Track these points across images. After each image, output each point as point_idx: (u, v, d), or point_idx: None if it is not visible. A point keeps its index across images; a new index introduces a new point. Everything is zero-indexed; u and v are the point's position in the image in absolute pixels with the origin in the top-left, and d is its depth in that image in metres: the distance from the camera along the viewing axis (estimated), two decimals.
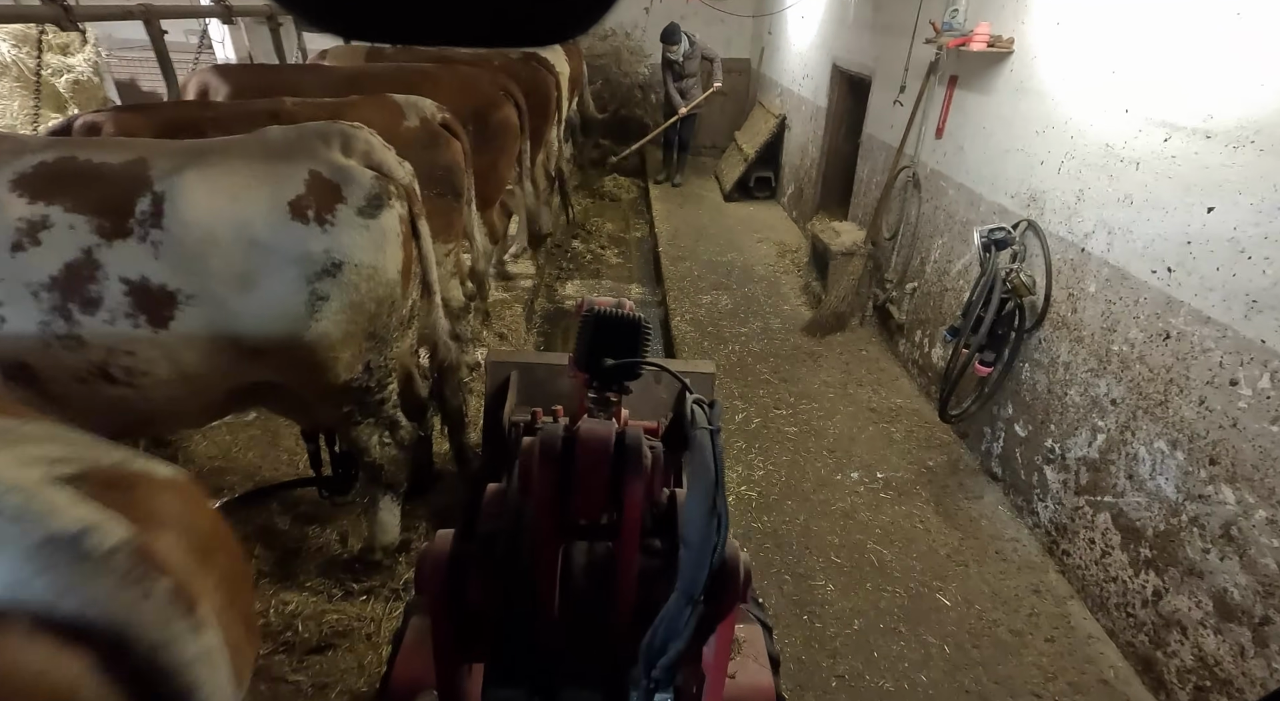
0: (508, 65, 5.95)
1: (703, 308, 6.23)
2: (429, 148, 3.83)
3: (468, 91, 4.65)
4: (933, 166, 4.75)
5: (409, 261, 2.57)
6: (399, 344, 2.68)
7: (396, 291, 2.49)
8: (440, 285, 4.26)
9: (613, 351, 1.46)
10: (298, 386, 2.52)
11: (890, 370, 5.20)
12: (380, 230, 2.35)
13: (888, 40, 5.55)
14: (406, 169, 2.62)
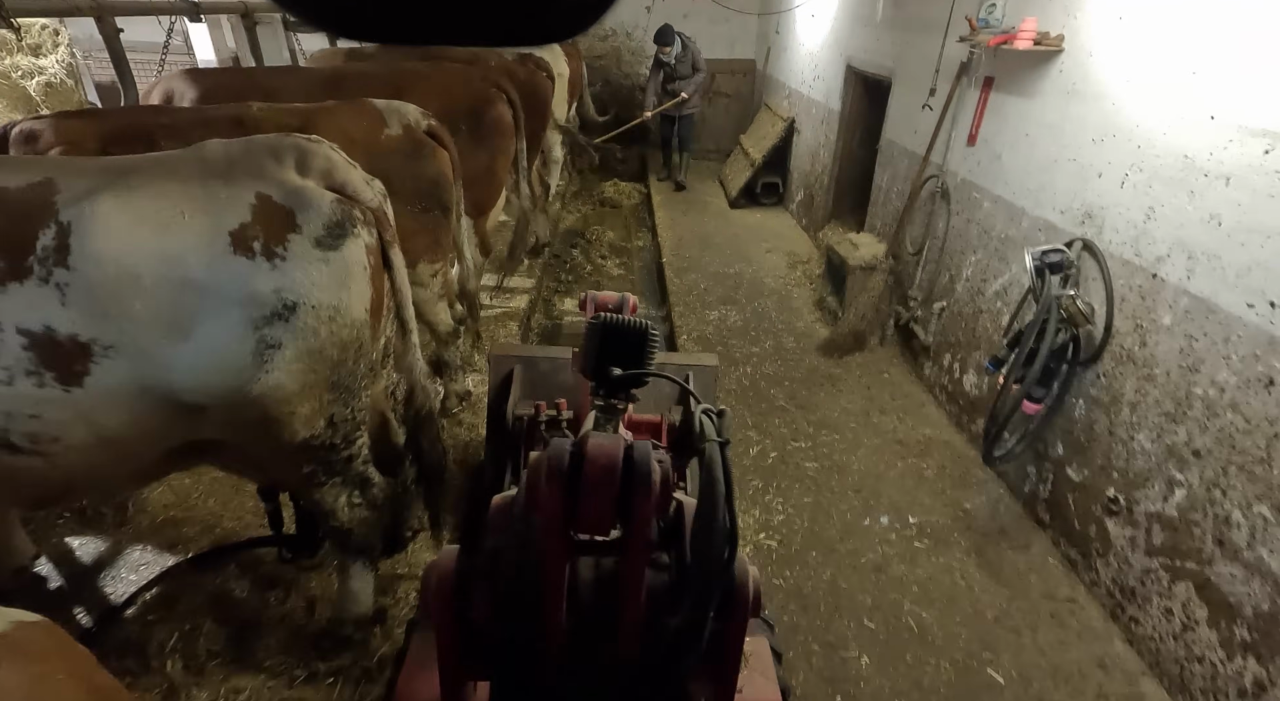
0: (504, 66, 5.57)
1: (710, 324, 5.84)
2: (413, 158, 3.45)
3: (459, 90, 4.26)
4: (964, 176, 4.36)
5: (380, 297, 2.18)
6: (369, 391, 2.29)
7: (365, 334, 2.10)
8: (427, 308, 3.90)
9: (619, 359, 1.44)
10: (248, 446, 2.13)
11: (915, 396, 4.81)
12: (343, 263, 1.96)
13: (911, 38, 5.16)
14: (376, 188, 2.23)
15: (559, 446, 1.17)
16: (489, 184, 4.36)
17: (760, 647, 1.75)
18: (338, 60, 5.63)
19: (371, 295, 2.09)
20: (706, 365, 2.60)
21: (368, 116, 3.43)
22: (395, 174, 3.39)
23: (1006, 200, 3.87)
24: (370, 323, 2.13)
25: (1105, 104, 3.09)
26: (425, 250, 3.60)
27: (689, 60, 9.17)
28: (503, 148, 4.33)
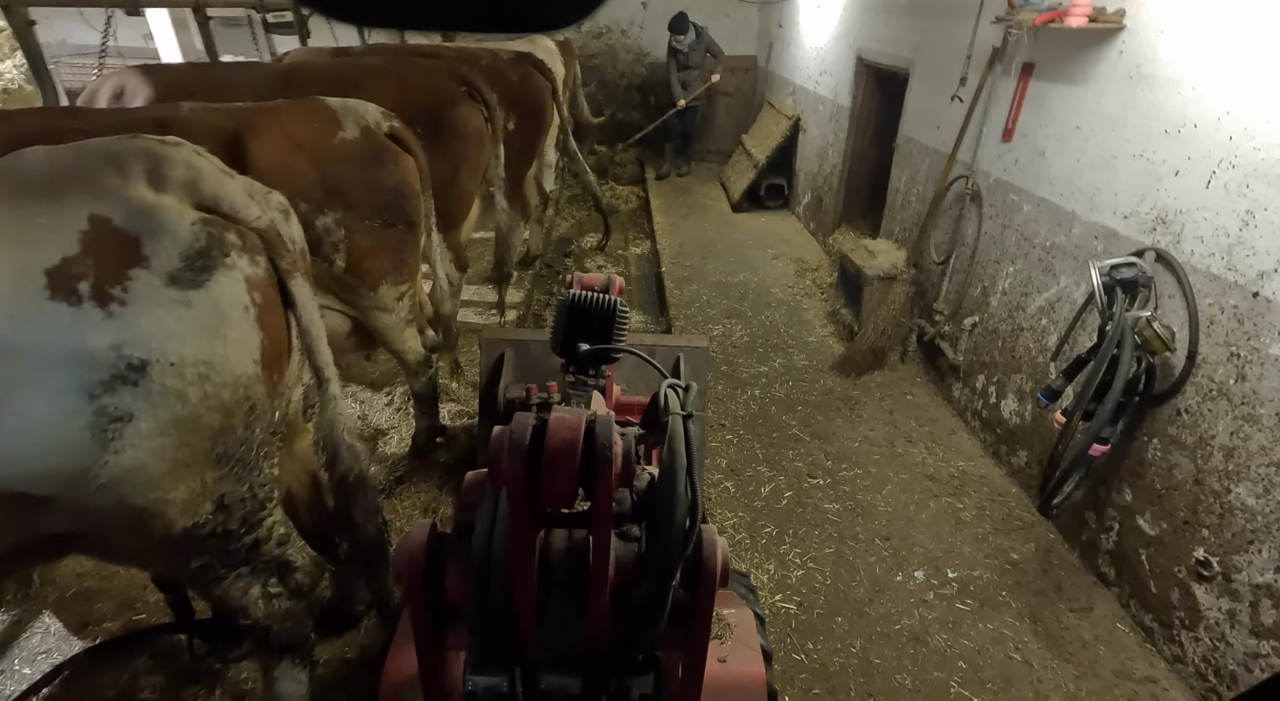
0: (496, 66, 5.09)
1: (714, 340, 5.34)
2: (372, 165, 2.97)
3: (416, 87, 3.78)
4: (998, 176, 3.86)
5: (277, 342, 1.69)
6: (275, 459, 1.80)
7: (257, 390, 1.61)
8: (393, 335, 3.40)
9: (588, 336, 1.46)
10: (115, 540, 1.64)
11: (944, 420, 4.30)
12: (211, 304, 1.47)
13: (933, 25, 4.66)
14: (272, 202, 1.74)
15: (521, 420, 1.16)
16: (454, 194, 3.87)
17: (744, 617, 1.73)
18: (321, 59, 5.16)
19: (262, 341, 1.61)
20: (697, 346, 2.63)
21: (319, 117, 2.95)
22: (351, 183, 2.92)
23: (1052, 203, 3.37)
24: (264, 376, 1.64)
25: (1182, 89, 2.59)
26: (389, 270, 3.12)
27: (702, 48, 9.05)
28: (467, 155, 3.84)
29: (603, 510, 1.16)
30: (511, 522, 1.17)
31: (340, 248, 2.91)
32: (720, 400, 4.51)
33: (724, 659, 1.58)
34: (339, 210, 2.87)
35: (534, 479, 1.13)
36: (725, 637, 1.65)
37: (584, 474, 1.14)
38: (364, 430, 3.94)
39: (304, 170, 2.79)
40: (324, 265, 2.91)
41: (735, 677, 1.57)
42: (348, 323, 3.27)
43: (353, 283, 3.02)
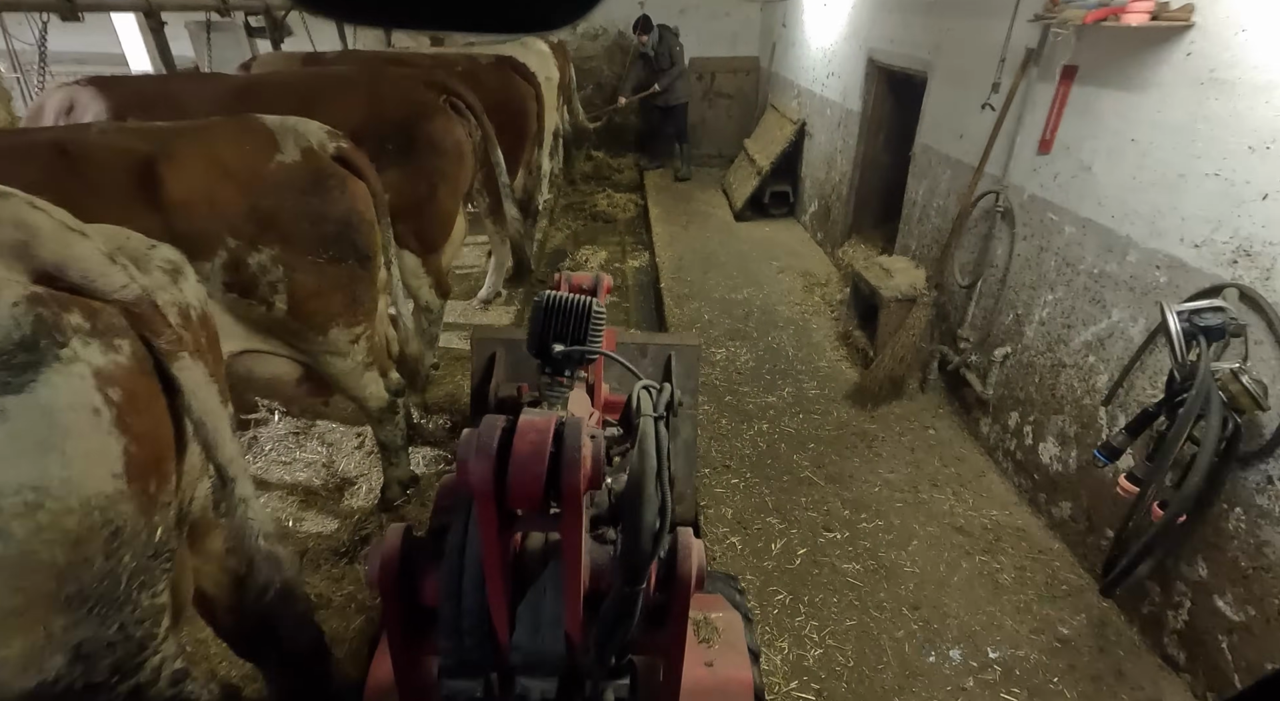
0: (474, 71, 4.70)
1: (717, 366, 4.94)
2: (314, 193, 2.59)
3: (389, 98, 3.39)
4: (1033, 192, 3.46)
5: (156, 443, 1.30)
6: (158, 587, 1.41)
7: (123, 509, 1.23)
8: (350, 382, 3.01)
9: (563, 337, 1.45)
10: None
11: (972, 460, 3.90)
12: (39, 412, 1.09)
13: (956, 23, 4.26)
14: (155, 261, 1.37)
15: (490, 422, 1.16)
16: (432, 215, 3.48)
17: (732, 620, 1.72)
18: (292, 66, 4.77)
19: (127, 448, 1.22)
20: (688, 345, 2.61)
21: (253, 138, 2.57)
22: (290, 214, 2.53)
23: (1101, 225, 2.97)
24: (134, 490, 1.24)
25: (1272, 99, 2.19)
26: (339, 311, 2.73)
27: (666, 51, 8.94)
28: (446, 170, 3.44)
29: (571, 513, 1.15)
30: (481, 525, 1.16)
31: (280, 288, 2.52)
32: (725, 437, 4.12)
33: (711, 662, 1.56)
34: (276, 246, 2.48)
35: (502, 481, 1.11)
36: (713, 641, 1.63)
37: (552, 476, 1.13)
38: (329, 480, 3.55)
39: (232, 201, 2.40)
40: (261, 308, 2.53)
41: (722, 681, 1.55)
42: (296, 369, 2.89)
43: (297, 326, 2.63)
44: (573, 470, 1.12)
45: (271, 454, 3.71)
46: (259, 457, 3.68)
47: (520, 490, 1.11)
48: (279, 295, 2.56)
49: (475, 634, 1.23)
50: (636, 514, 1.15)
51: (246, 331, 2.64)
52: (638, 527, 1.14)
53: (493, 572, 1.19)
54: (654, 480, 1.16)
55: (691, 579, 1.24)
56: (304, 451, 3.74)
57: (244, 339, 2.65)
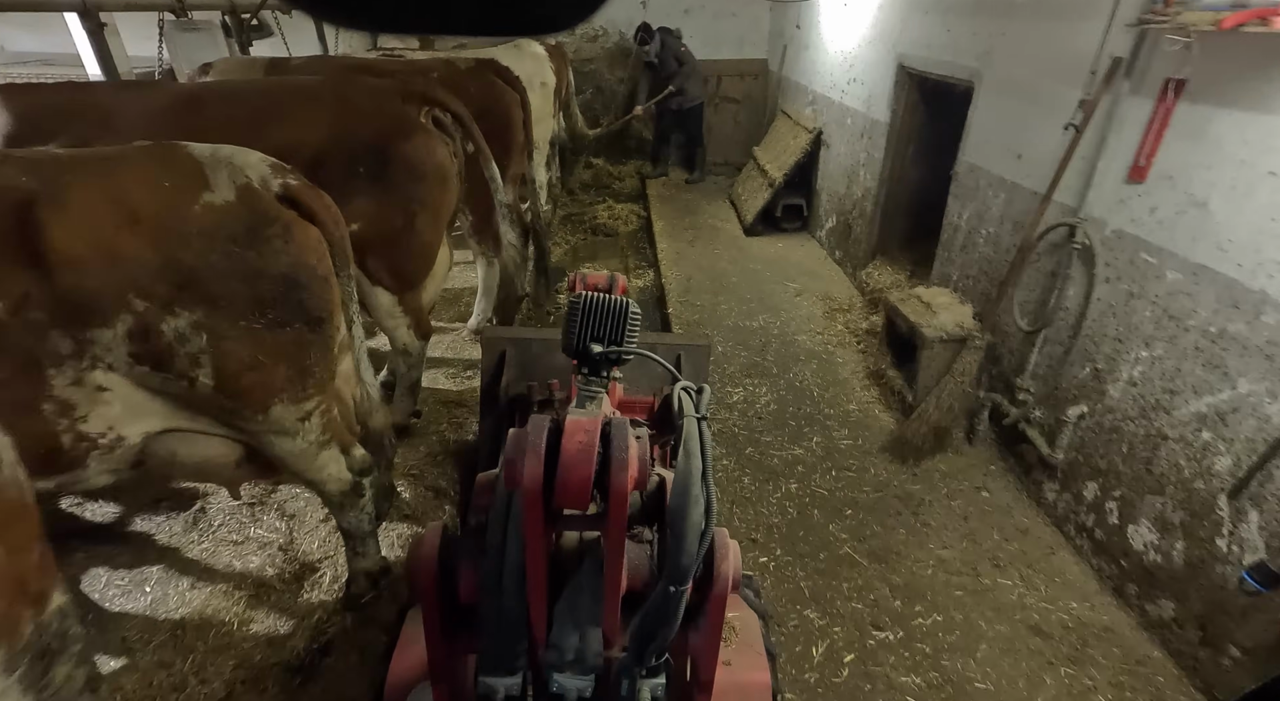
0: (452, 77, 4.14)
1: (735, 409, 4.41)
2: (250, 243, 2.05)
3: (360, 112, 2.84)
4: (1121, 228, 2.93)
5: None
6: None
7: None
8: (304, 463, 2.44)
9: (601, 338, 1.45)
10: None
11: (1037, 533, 3.37)
12: None
13: (1014, 27, 3.73)
14: None
15: (538, 422, 1.17)
16: (410, 248, 2.93)
17: (749, 620, 1.72)
18: (254, 71, 4.22)
19: None
20: (699, 344, 2.60)
21: (173, 172, 2.03)
22: (219, 269, 1.98)
23: (1222, 274, 2.44)
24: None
25: None
26: (282, 385, 2.18)
27: (669, 57, 8.57)
28: (426, 197, 2.90)
29: (617, 513, 1.16)
30: (526, 525, 1.15)
31: (203, 361, 1.98)
32: (749, 501, 3.58)
33: (729, 661, 1.55)
34: (198, 309, 1.95)
35: (549, 481, 1.12)
36: (730, 640, 1.63)
37: (599, 476, 1.14)
38: (286, 566, 2.99)
39: (139, 256, 1.86)
40: (181, 384, 1.99)
41: (740, 681, 1.54)
42: (235, 449, 2.34)
43: (230, 405, 2.09)
44: (620, 470, 1.13)
45: (220, 531, 3.16)
46: (204, 537, 3.12)
47: (568, 490, 1.12)
48: (202, 369, 2.02)
49: (513, 631, 1.24)
50: (683, 514, 1.15)
51: (167, 408, 2.10)
52: (684, 528, 1.14)
53: (535, 571, 1.20)
54: (700, 480, 1.17)
55: (729, 579, 1.25)
56: (259, 526, 3.19)
57: (164, 417, 2.12)
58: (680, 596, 1.16)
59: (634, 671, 1.23)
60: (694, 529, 1.14)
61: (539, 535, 1.16)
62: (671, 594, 1.15)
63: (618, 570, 1.21)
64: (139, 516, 3.23)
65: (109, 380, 1.95)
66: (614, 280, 2.16)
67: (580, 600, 1.26)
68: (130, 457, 2.12)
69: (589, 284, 2.19)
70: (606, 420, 1.20)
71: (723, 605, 1.27)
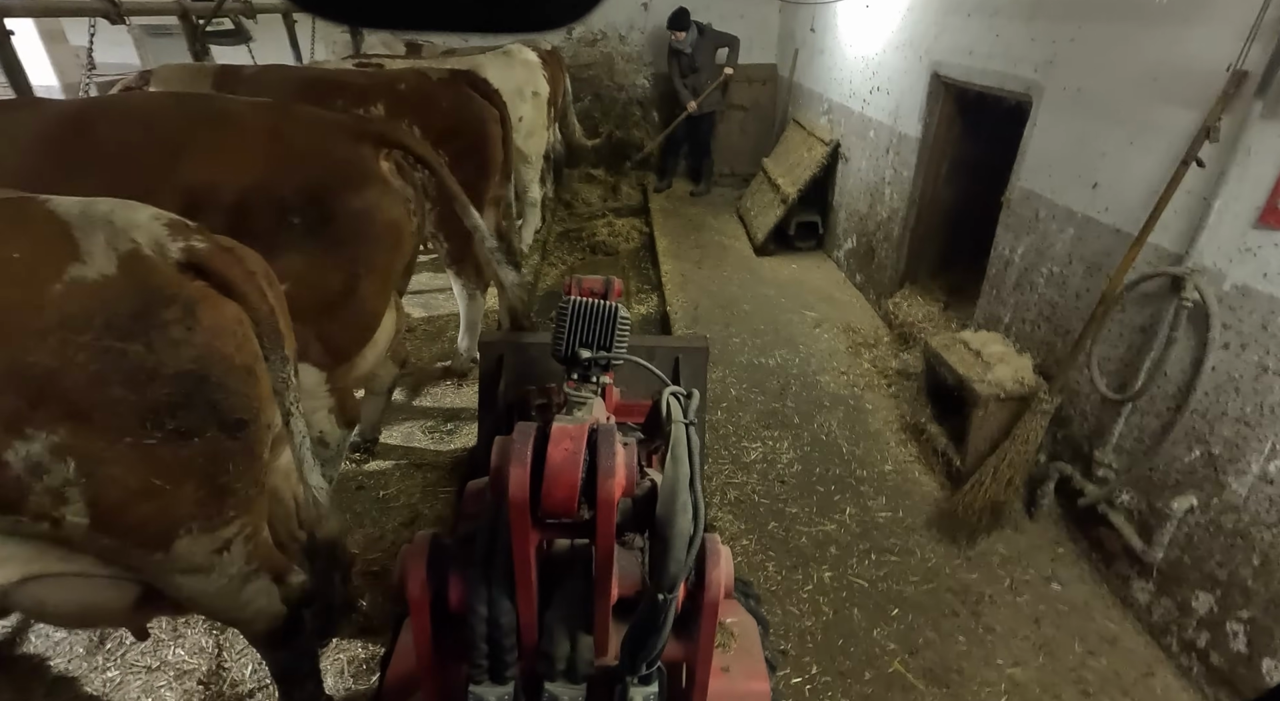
0: (422, 89, 3.56)
1: (753, 471, 3.83)
2: (136, 333, 1.45)
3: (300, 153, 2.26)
4: (1246, 282, 2.35)
5: None
6: None
7: None
8: (221, 603, 1.79)
9: (590, 343, 1.44)
10: None
11: (1127, 643, 2.79)
12: None
13: (1085, 31, 3.15)
14: None
15: (524, 430, 1.17)
16: (348, 316, 2.34)
17: (747, 625, 1.66)
18: (200, 81, 3.64)
19: None
20: (696, 347, 2.55)
21: (26, 238, 1.47)
22: (93, 372, 1.41)
23: None
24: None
25: None
26: (191, 512, 1.63)
27: (708, 47, 7.91)
28: (374, 259, 2.31)
29: (605, 521, 1.15)
30: (513, 532, 1.15)
31: (71, 496, 1.42)
32: (776, 597, 3.00)
33: (727, 668, 1.51)
34: (59, 427, 1.39)
35: (536, 489, 1.12)
36: (728, 646, 1.58)
37: (586, 484, 1.13)
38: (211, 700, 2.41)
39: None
40: (41, 526, 1.43)
41: (738, 687, 1.50)
42: (128, 591, 1.78)
43: (114, 544, 1.53)
44: (608, 478, 1.13)
45: (130, 654, 2.57)
46: (110, 662, 2.54)
47: (555, 498, 1.12)
48: (70, 505, 1.46)
49: (504, 640, 1.22)
50: (671, 521, 1.14)
51: (27, 551, 1.54)
52: (673, 535, 1.13)
53: (524, 579, 1.19)
54: (688, 486, 1.16)
55: (720, 586, 1.25)
56: (179, 647, 2.59)
57: (23, 561, 1.56)
58: (670, 603, 1.15)
59: (626, 679, 1.23)
60: (682, 535, 1.13)
61: (527, 543, 1.16)
62: (661, 601, 1.15)
63: (608, 577, 1.22)
64: (30, 633, 2.64)
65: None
66: (610, 284, 2.10)
67: (571, 608, 1.27)
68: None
69: (585, 289, 2.12)
70: (593, 427, 1.20)
71: (715, 612, 1.26)
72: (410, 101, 3.48)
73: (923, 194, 5.05)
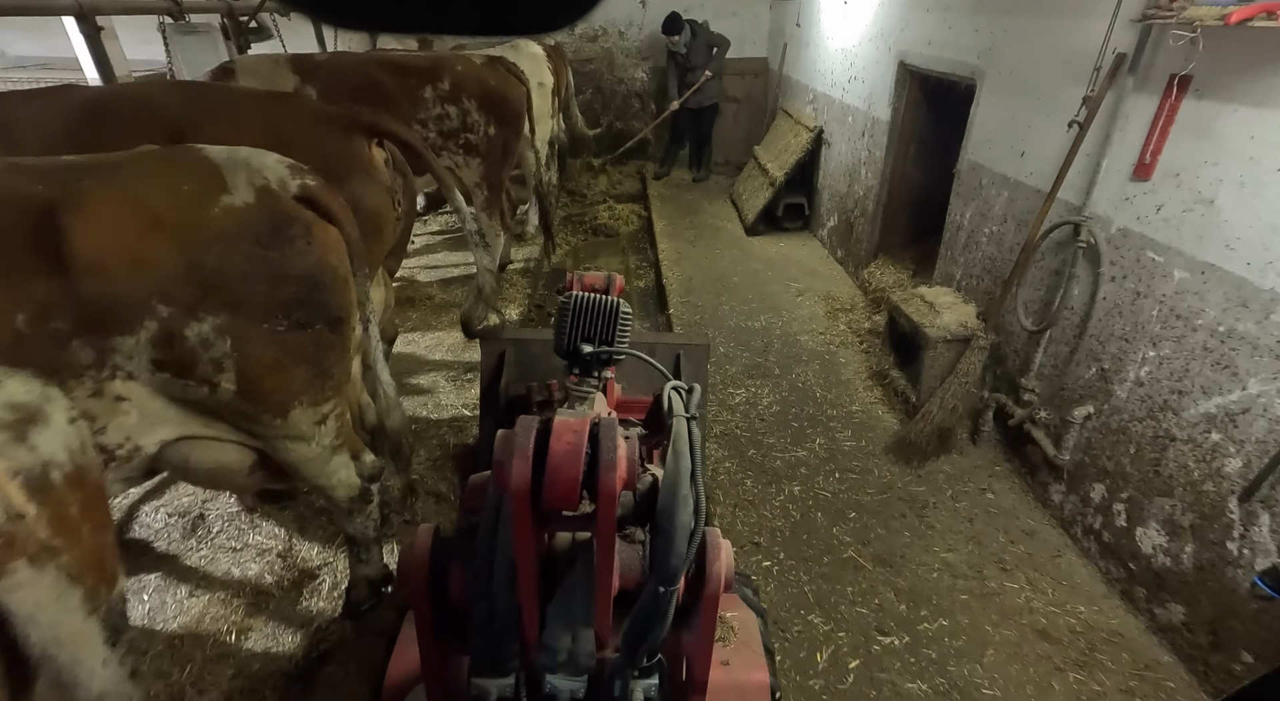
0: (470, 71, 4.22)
1: (737, 412, 4.38)
2: (273, 244, 2.03)
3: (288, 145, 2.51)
4: (1127, 226, 2.89)
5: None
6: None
7: None
8: (314, 469, 2.39)
9: (591, 338, 1.46)
10: None
11: (1044, 535, 3.33)
12: None
13: (1016, 24, 3.69)
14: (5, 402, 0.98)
15: (526, 423, 1.17)
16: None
17: (747, 619, 1.71)
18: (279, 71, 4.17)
19: None
20: (698, 344, 2.58)
21: (191, 175, 2.01)
22: (239, 274, 1.96)
23: (1230, 273, 2.41)
24: None
25: None
26: (302, 388, 2.17)
27: (701, 46, 8.38)
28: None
29: (606, 514, 1.15)
30: (515, 525, 1.15)
31: (226, 365, 1.98)
32: (752, 505, 3.55)
33: (727, 661, 1.55)
34: (222, 313, 1.93)
35: (538, 482, 1.12)
36: (728, 640, 1.62)
37: (588, 477, 1.13)
38: (285, 574, 2.96)
39: (163, 259, 1.85)
40: (202, 390, 1.97)
41: (738, 680, 1.54)
42: (248, 456, 2.32)
43: (250, 409, 2.08)
44: (609, 471, 1.13)
45: (219, 538, 3.13)
46: (203, 544, 3.10)
47: (556, 491, 1.12)
48: (226, 373, 2.00)
49: (505, 633, 1.24)
50: (672, 515, 1.14)
51: (183, 415, 2.08)
52: (673, 528, 1.14)
53: (525, 572, 1.20)
54: (689, 480, 1.16)
55: (721, 579, 1.25)
56: (258, 533, 3.16)
57: (179, 424, 2.10)
58: (671, 596, 1.16)
59: (626, 672, 1.23)
60: (683, 529, 1.14)
61: (528, 536, 1.16)
62: (662, 594, 1.15)
63: (609, 570, 1.22)
64: (136, 523, 3.20)
65: (128, 389, 1.92)
66: (611, 280, 2.17)
67: (572, 601, 1.26)
68: (144, 466, 2.10)
69: (586, 284, 2.17)
70: (595, 420, 1.20)
71: (715, 604, 1.26)
72: (468, 78, 4.21)
73: (893, 172, 5.59)
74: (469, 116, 4.40)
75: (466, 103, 4.37)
